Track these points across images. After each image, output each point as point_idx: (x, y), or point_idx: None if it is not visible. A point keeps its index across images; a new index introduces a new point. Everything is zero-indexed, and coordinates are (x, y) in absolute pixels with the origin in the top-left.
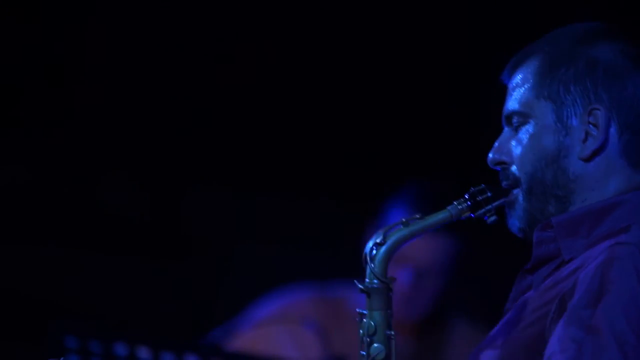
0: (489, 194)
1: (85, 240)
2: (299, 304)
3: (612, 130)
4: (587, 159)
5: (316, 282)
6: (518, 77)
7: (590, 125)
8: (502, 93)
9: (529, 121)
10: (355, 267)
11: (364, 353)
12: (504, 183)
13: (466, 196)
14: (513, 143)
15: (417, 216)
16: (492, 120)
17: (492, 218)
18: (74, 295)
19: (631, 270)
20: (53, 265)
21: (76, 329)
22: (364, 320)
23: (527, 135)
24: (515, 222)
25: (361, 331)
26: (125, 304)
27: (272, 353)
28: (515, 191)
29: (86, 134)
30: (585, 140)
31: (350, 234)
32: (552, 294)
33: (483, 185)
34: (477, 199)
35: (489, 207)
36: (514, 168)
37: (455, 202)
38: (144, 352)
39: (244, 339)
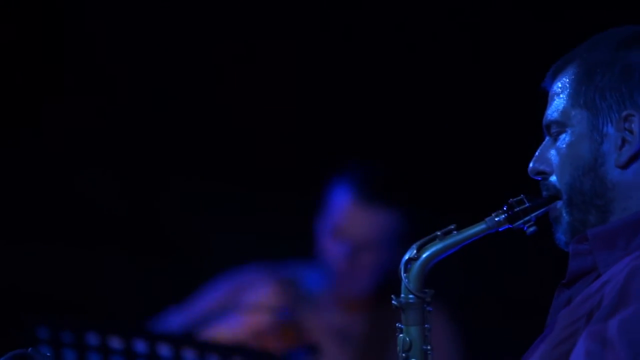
0: (527, 205)
1: (64, 234)
2: (251, 284)
3: None
4: (624, 166)
5: (268, 262)
6: (557, 85)
7: (626, 132)
8: (543, 100)
9: (566, 130)
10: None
11: None
12: (544, 193)
13: (504, 207)
14: (552, 152)
15: (452, 228)
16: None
17: (532, 229)
18: (53, 289)
19: None
20: (34, 259)
21: (48, 320)
22: (400, 335)
23: (565, 144)
24: (561, 237)
25: (398, 347)
26: (104, 297)
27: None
28: (559, 204)
29: (65, 130)
30: (621, 147)
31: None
32: (582, 311)
33: (522, 195)
34: (515, 210)
35: (527, 217)
36: (553, 178)
37: (493, 214)
38: (115, 342)
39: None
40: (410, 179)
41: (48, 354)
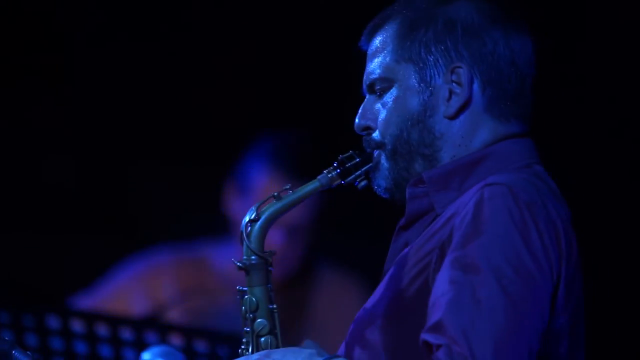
0: (357, 160)
1: (29, 220)
2: (159, 266)
3: (475, 86)
4: (453, 117)
5: (177, 242)
6: (377, 42)
7: (454, 84)
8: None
9: (392, 85)
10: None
11: (248, 329)
12: (367, 150)
13: (335, 164)
14: (377, 107)
15: (288, 187)
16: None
17: (363, 183)
18: (20, 274)
19: (502, 207)
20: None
21: (8, 304)
22: (245, 297)
23: (392, 99)
24: (381, 183)
25: (243, 308)
26: (63, 281)
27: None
28: (376, 153)
29: (31, 116)
30: (449, 98)
31: None
32: (430, 246)
33: (351, 151)
34: (346, 165)
35: (359, 172)
36: (376, 134)
37: (325, 171)
38: (77, 325)
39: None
40: (329, 147)
41: (7, 338)
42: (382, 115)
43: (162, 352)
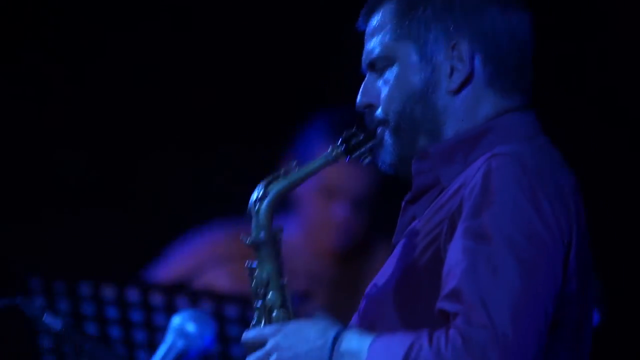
0: (361, 137)
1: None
2: (215, 241)
3: (477, 61)
4: (455, 92)
5: (231, 218)
6: (374, 22)
7: (455, 60)
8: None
9: (393, 63)
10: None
11: (259, 305)
12: (369, 127)
13: (340, 140)
14: (379, 84)
15: (295, 164)
16: None
17: (367, 160)
18: (41, 254)
19: (510, 177)
20: (20, 225)
21: (40, 270)
22: (255, 273)
23: (393, 76)
24: (385, 159)
25: (254, 283)
26: (95, 250)
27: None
28: (379, 130)
29: (45, 103)
30: (451, 74)
31: None
32: (440, 217)
33: (355, 128)
34: (351, 142)
35: (363, 149)
36: (378, 112)
37: (329, 148)
38: (108, 291)
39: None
40: None
41: (40, 304)
42: (385, 92)
43: (192, 316)
